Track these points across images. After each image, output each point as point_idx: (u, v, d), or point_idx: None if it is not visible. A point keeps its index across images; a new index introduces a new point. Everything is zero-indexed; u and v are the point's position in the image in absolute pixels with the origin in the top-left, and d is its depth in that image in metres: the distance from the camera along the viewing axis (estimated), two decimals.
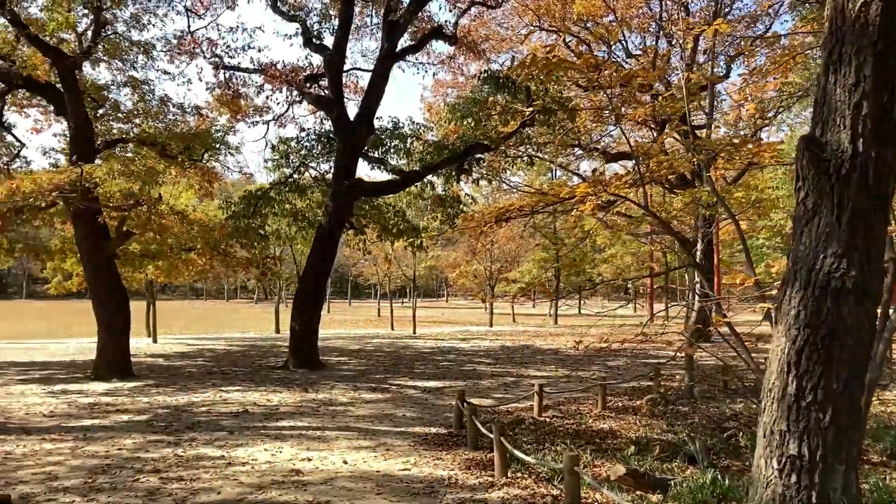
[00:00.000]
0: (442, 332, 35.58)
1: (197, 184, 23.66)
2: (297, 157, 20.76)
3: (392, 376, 17.25)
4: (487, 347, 25.56)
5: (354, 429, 10.94)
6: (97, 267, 17.07)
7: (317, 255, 18.83)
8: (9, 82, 17.52)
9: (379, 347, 25.56)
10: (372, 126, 18.92)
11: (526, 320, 47.73)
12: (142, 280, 26.79)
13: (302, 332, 18.28)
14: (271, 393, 14.52)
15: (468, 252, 48.31)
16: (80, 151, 16.73)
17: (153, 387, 15.43)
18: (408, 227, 22.54)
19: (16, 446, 9.66)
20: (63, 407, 12.81)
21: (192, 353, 23.73)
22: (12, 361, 20.62)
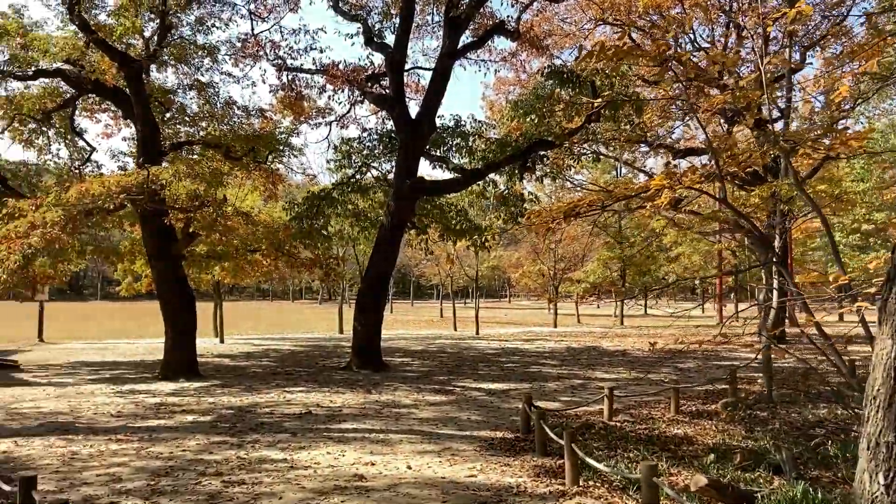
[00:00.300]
0: (505, 332, 35.18)
1: (262, 186, 23.85)
2: (358, 158, 20.69)
3: (456, 378, 16.98)
4: (552, 349, 25.07)
5: (418, 432, 10.68)
6: (164, 268, 17.29)
7: (379, 255, 18.70)
8: (79, 87, 17.90)
9: (442, 348, 25.34)
10: (433, 124, 18.68)
11: (591, 321, 46.91)
12: (209, 281, 27.19)
13: (365, 332, 18.17)
14: (334, 394, 14.40)
15: (531, 252, 47.74)
16: (148, 154, 17.00)
17: (219, 387, 15.51)
18: (470, 226, 22.21)
19: (82, 447, 9.71)
20: (130, 407, 12.93)
21: (257, 353, 23.94)
22: (85, 361, 21.12)
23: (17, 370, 18.84)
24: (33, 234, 14.54)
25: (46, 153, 22.27)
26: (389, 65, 18.56)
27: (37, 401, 13.61)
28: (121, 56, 16.29)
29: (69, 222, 15.28)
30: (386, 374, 17.46)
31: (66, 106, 19.38)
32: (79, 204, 15.39)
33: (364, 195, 21.96)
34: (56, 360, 21.57)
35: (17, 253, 14.98)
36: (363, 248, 30.40)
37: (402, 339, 30.25)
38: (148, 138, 17.31)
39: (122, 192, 15.53)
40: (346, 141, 21.28)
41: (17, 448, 9.65)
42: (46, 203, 15.30)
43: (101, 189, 15.39)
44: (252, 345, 27.29)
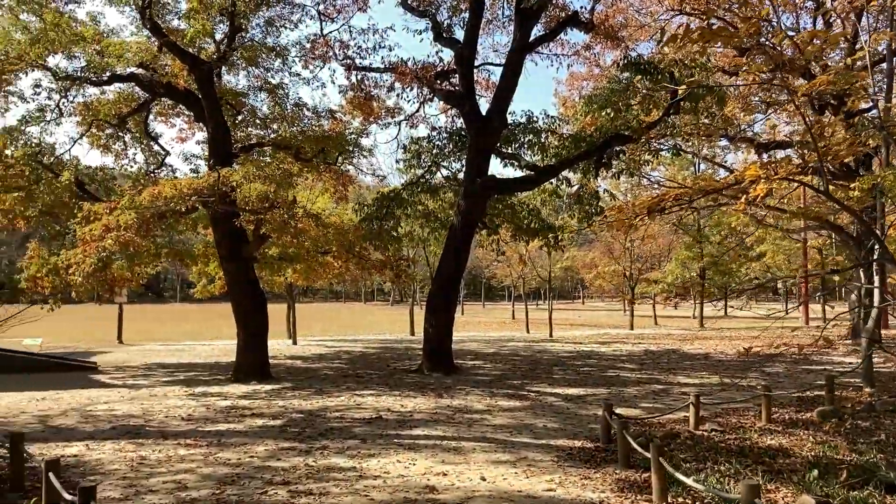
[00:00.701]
0: (580, 335, 34.31)
1: (332, 187, 23.78)
2: (428, 157, 20.32)
3: (530, 382, 16.40)
4: (630, 352, 24.18)
5: (492, 440, 10.17)
6: (236, 270, 17.29)
7: (449, 255, 18.27)
8: (151, 91, 18.08)
9: (515, 351, 24.76)
10: (504, 120, 18.14)
11: (668, 322, 45.47)
12: (282, 283, 27.34)
13: (435, 334, 17.77)
14: (405, 398, 14.03)
15: (605, 252, 46.62)
16: (219, 156, 17.03)
17: (290, 389, 15.35)
18: (542, 225, 21.59)
19: (151, 451, 9.57)
20: (201, 410, 12.83)
21: (329, 355, 23.86)
22: (160, 363, 21.39)
23: (95, 371, 19.18)
24: (108, 237, 14.66)
25: (123, 158, 22.73)
26: (459, 60, 18.12)
27: (111, 403, 13.69)
28: (191, 58, 16.35)
29: (143, 225, 15.38)
30: (457, 378, 17.02)
31: (140, 110, 19.65)
32: (151, 207, 15.47)
33: (434, 195, 21.60)
34: (133, 361, 21.93)
35: (92, 256, 15.16)
36: (434, 249, 30.07)
37: (473, 341, 29.79)
38: (219, 140, 17.34)
39: (193, 194, 15.54)
40: (416, 140, 20.96)
41: (88, 452, 9.58)
42: (120, 206, 15.43)
43: (173, 192, 15.44)
44: (324, 346, 27.30)
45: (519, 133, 19.41)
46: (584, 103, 20.43)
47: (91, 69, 17.94)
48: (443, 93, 18.40)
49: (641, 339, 30.61)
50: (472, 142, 18.18)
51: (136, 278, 22.07)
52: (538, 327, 38.99)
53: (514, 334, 35.13)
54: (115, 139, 21.71)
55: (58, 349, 25.82)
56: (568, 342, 28.80)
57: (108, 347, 26.93)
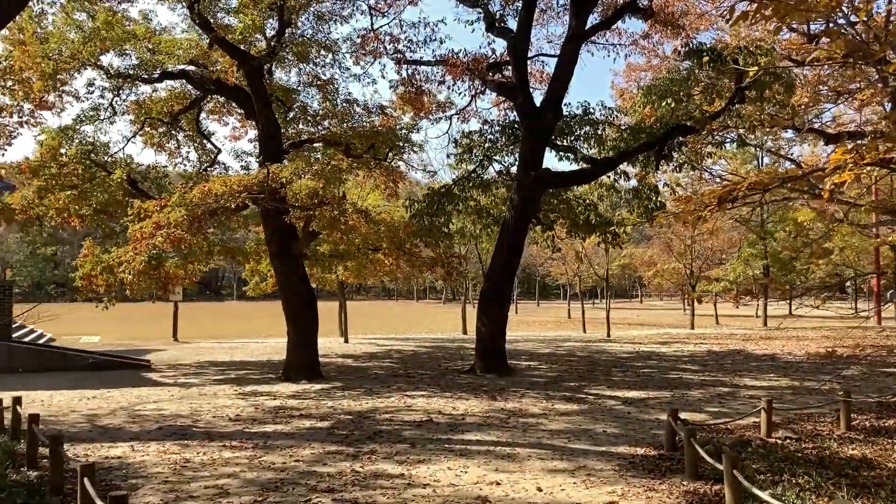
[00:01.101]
0: (638, 334, 33.33)
1: (382, 184, 23.45)
2: (480, 151, 19.76)
3: (588, 384, 15.73)
4: (692, 352, 23.24)
5: (549, 446, 9.60)
6: (285, 267, 17.05)
7: (502, 252, 17.68)
8: (202, 88, 17.98)
9: (571, 351, 24.04)
10: (559, 111, 17.47)
11: (730, 322, 44.00)
12: (333, 281, 27.15)
13: (488, 334, 17.22)
14: (457, 400, 13.53)
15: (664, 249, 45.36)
16: (269, 153, 16.81)
17: (339, 389, 15.01)
18: (600, 221, 20.85)
19: (196, 453, 9.27)
20: (249, 410, 12.56)
21: (380, 353, 23.53)
22: (213, 361, 21.35)
23: (148, 370, 19.20)
24: (158, 235, 14.54)
25: (176, 156, 22.80)
26: (512, 50, 17.51)
27: (160, 402, 13.53)
28: (240, 54, 16.15)
29: (193, 222, 15.21)
30: (511, 379, 16.46)
31: (191, 107, 19.60)
32: (202, 204, 15.31)
33: (486, 191, 21.06)
34: (186, 359, 21.95)
35: (142, 254, 15.08)
36: (486, 246, 29.59)
37: (528, 340, 29.14)
38: (269, 137, 17.14)
39: (243, 191, 15.33)
40: (467, 134, 20.44)
41: (132, 453, 9.34)
42: (171, 203, 15.31)
43: (223, 188, 15.26)
44: (376, 345, 27.01)
45: (575, 125, 18.72)
46: (643, 94, 19.63)
47: (143, 67, 17.93)
48: (495, 84, 17.80)
49: (703, 339, 29.53)
50: (525, 134, 17.57)
51: (190, 276, 22.09)
52: (595, 327, 38.07)
53: (570, 334, 34.34)
54: (167, 137, 21.77)
55: (115, 347, 26.09)
56: (626, 342, 27.93)
57: (163, 345, 27.14)
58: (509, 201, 17.86)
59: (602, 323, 40.16)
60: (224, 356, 22.78)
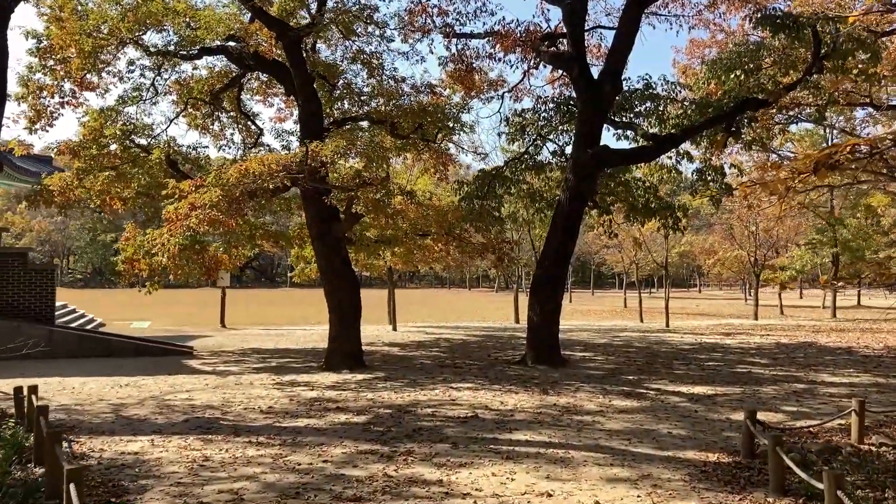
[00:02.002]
0: (699, 325, 31.78)
1: (432, 167, 22.48)
2: (533, 129, 18.60)
3: (648, 378, 14.56)
4: (759, 344, 21.75)
5: (607, 449, 8.55)
6: (326, 250, 16.27)
7: (556, 236, 16.55)
8: (241, 63, 17.28)
9: (628, 342, 22.79)
10: (619, 83, 16.18)
11: (795, 312, 41.92)
12: (381, 267, 26.38)
13: (541, 323, 16.14)
14: (506, 393, 12.53)
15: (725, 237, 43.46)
16: (310, 132, 16.01)
17: (381, 380, 14.17)
18: (661, 205, 19.54)
19: (218, 450, 8.50)
20: (284, 402, 11.78)
21: (428, 342, 22.66)
22: (256, 348, 20.78)
23: (189, 356, 18.71)
24: (192, 216, 13.86)
25: (221, 138, 22.24)
26: (568, 18, 16.26)
27: (192, 392, 12.88)
28: (279, 24, 15.36)
29: (232, 203, 14.50)
30: (565, 371, 15.37)
31: (231, 85, 18.94)
32: (239, 184, 14.60)
33: (539, 173, 19.93)
34: (230, 346, 21.45)
35: (178, 236, 14.43)
36: (539, 232, 28.44)
37: (582, 330, 27.91)
38: (310, 115, 16.36)
39: (281, 170, 14.55)
40: (520, 113, 19.30)
41: (151, 448, 8.63)
42: (207, 184, 14.64)
43: (261, 168, 14.50)
44: (424, 333, 26.15)
45: (635, 100, 17.42)
46: (708, 68, 18.26)
47: (182, 44, 17.31)
48: (549, 56, 16.57)
49: (769, 330, 27.88)
50: (582, 109, 16.37)
51: (233, 261, 21.54)
52: (652, 316, 36.61)
53: (626, 324, 32.95)
54: (211, 119, 21.21)
55: (163, 333, 25.85)
56: (687, 333, 26.50)
57: (210, 331, 26.79)
58: (564, 182, 16.71)
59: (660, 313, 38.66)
60: (269, 343, 22.21)
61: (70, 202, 17.42)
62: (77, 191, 17.30)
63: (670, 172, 20.11)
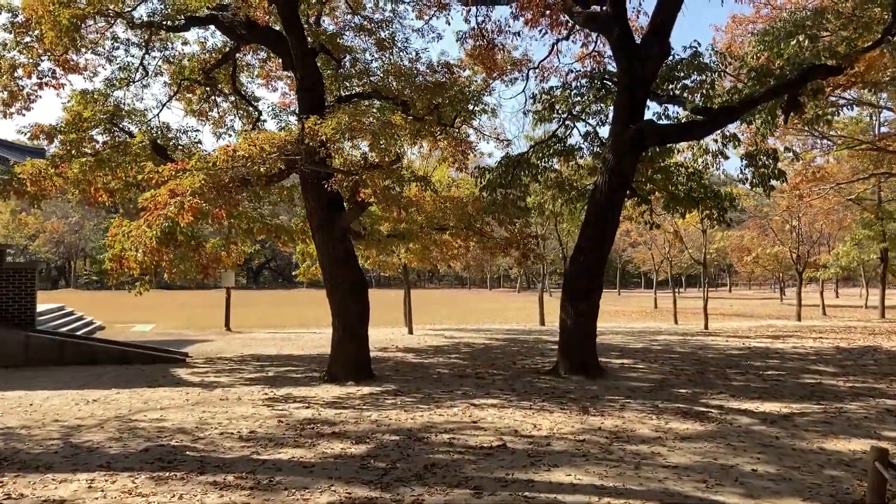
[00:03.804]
0: (739, 326, 29.44)
1: (450, 155, 20.41)
2: (564, 107, 16.43)
3: (704, 391, 12.38)
4: (816, 349, 19.44)
5: (679, 496, 6.44)
6: (329, 244, 14.24)
7: (593, 227, 14.37)
8: (233, 35, 15.32)
9: (668, 346, 20.57)
10: (667, 46, 13.95)
11: (837, 312, 39.36)
12: (395, 266, 24.35)
13: (575, 326, 13.98)
14: (538, 413, 10.43)
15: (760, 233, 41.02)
16: (308, 108, 14.02)
17: (391, 395, 12.12)
18: (706, 193, 17.34)
19: (172, 495, 6.52)
20: (270, 424, 9.77)
21: (447, 347, 20.58)
22: (257, 354, 18.82)
23: (181, 364, 16.80)
24: (171, 204, 11.91)
25: (221, 126, 20.38)
26: None
27: (167, 410, 10.90)
28: None
29: (221, 191, 12.51)
30: (604, 383, 13.23)
31: (225, 61, 16.99)
32: (226, 168, 12.63)
33: (569, 158, 17.78)
34: (229, 351, 19.52)
35: (155, 227, 12.46)
36: (567, 226, 26.20)
37: (615, 332, 25.69)
38: (308, 89, 14.36)
39: (275, 151, 12.56)
40: (548, 90, 17.15)
41: (86, 493, 6.68)
42: (190, 167, 12.70)
43: (251, 149, 12.51)
44: (443, 337, 24.05)
45: (681, 71, 15.21)
46: (758, 39, 16.10)
47: (168, 14, 15.41)
48: (583, 17, 14.33)
49: (819, 332, 25.50)
50: (622, 77, 14.17)
51: (233, 258, 19.62)
52: (686, 317, 34.33)
53: (660, 325, 30.65)
54: (208, 103, 19.32)
55: (164, 337, 24.04)
56: (730, 335, 24.20)
57: (213, 335, 24.91)
58: (602, 163, 14.50)
59: (694, 313, 36.51)
60: (272, 349, 20.26)
61: (44, 192, 15.52)
62: (53, 179, 15.39)
63: (716, 157, 17.89)
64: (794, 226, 32.86)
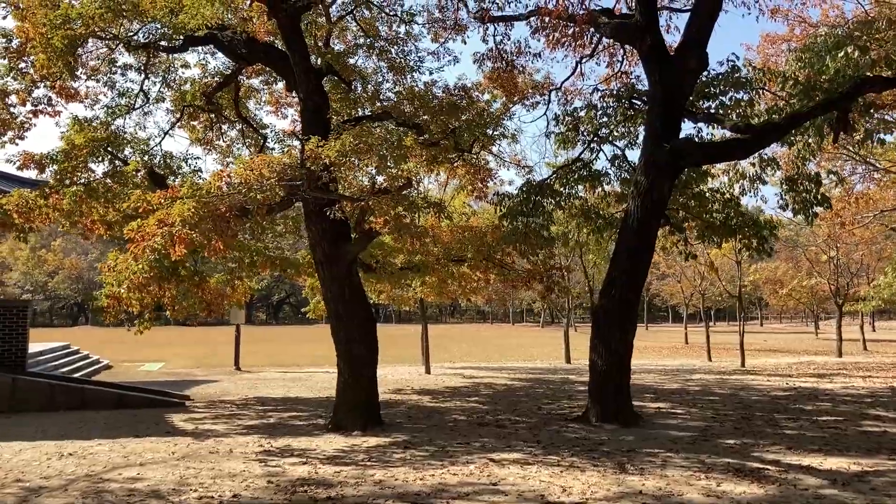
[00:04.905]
0: (777, 363, 27.74)
1: (468, 183, 19.25)
2: (589, 127, 15.21)
3: (755, 442, 10.90)
4: (870, 390, 17.81)
5: None
6: (334, 277, 13.03)
7: (625, 256, 13.01)
8: (233, 55, 14.37)
9: (706, 387, 19.03)
10: (705, 57, 12.73)
11: (880, 347, 37.42)
12: (410, 300, 23.08)
13: (607, 368, 12.56)
14: (567, 471, 9.02)
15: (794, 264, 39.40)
16: (313, 131, 12.93)
17: (400, 447, 10.79)
18: (743, 221, 16.00)
19: None
20: (259, 485, 8.46)
21: (465, 388, 19.19)
22: (262, 397, 17.59)
23: (179, 408, 15.60)
24: (157, 234, 10.81)
25: (229, 156, 19.47)
26: None
27: (147, 466, 9.63)
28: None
29: (217, 221, 11.40)
30: (641, 433, 11.79)
31: (226, 83, 16.03)
32: (225, 196, 11.55)
33: (595, 184, 16.52)
34: (234, 393, 18.32)
35: (143, 260, 11.35)
36: (593, 258, 24.88)
37: (646, 371, 24.12)
38: (312, 111, 13.32)
39: (274, 177, 11.44)
40: (571, 112, 15.98)
41: None
42: (181, 194, 11.62)
43: (248, 174, 11.42)
44: (462, 377, 22.64)
45: (717, 87, 13.93)
46: (795, 57, 14.87)
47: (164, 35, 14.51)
48: (611, 28, 13.16)
49: (865, 370, 23.78)
50: (654, 92, 12.93)
51: (237, 294, 18.49)
52: (719, 353, 32.64)
53: (693, 362, 29.01)
54: (213, 130, 18.39)
55: (169, 377, 22.95)
56: (770, 374, 22.57)
57: (221, 375, 23.75)
58: (633, 186, 13.20)
59: (726, 349, 34.89)
60: (279, 390, 19.03)
61: (31, 224, 14.49)
62: (43, 210, 14.36)
63: (753, 182, 16.53)
64: (832, 256, 31.20)
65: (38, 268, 77.19)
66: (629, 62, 17.32)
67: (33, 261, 75.27)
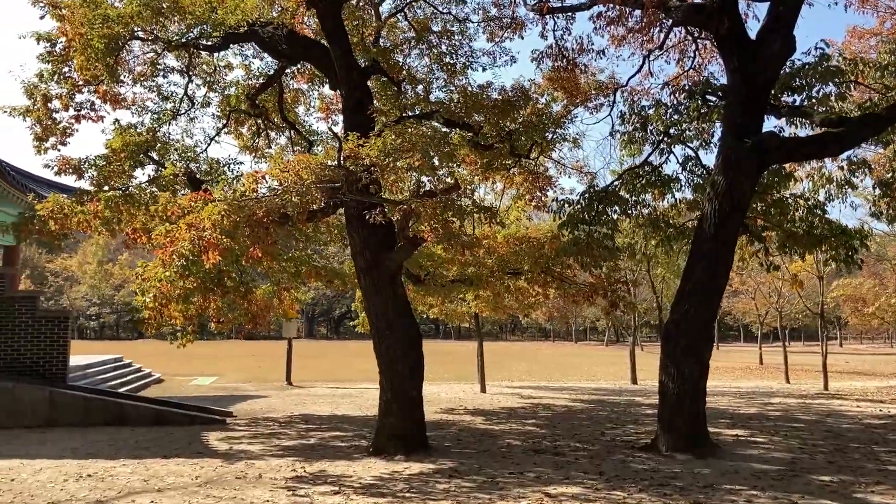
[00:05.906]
0: (864, 387, 25.58)
1: (527, 192, 18.06)
2: (659, 125, 13.88)
3: (853, 479, 9.38)
4: None
5: None
6: (377, 290, 12.02)
7: (699, 266, 11.63)
8: (274, 52, 13.61)
9: (788, 412, 17.33)
10: (792, 41, 11.32)
11: None
12: (464, 315, 21.96)
13: (679, 392, 11.15)
14: None
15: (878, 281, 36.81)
16: (354, 127, 12.00)
17: (444, 476, 9.65)
18: (831, 230, 14.35)
19: None
20: None
21: (522, 410, 17.91)
22: (307, 415, 16.70)
23: (218, 426, 14.81)
24: (182, 240, 10.02)
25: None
26: None
27: (163, 493, 8.75)
28: None
29: (252, 225, 10.56)
30: (719, 465, 10.37)
31: (269, 84, 15.31)
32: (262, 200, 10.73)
33: (665, 189, 15.13)
34: (280, 410, 17.51)
35: (171, 267, 10.57)
36: (661, 272, 23.33)
37: (719, 393, 22.33)
38: (353, 109, 12.42)
39: (312, 178, 10.54)
40: (639, 111, 14.66)
41: None
42: (214, 197, 10.86)
43: (284, 175, 10.55)
44: (519, 397, 21.33)
45: (803, 78, 12.45)
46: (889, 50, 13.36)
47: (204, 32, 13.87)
48: (684, 11, 11.86)
49: None
50: (733, 81, 11.57)
51: (284, 306, 17.71)
52: (798, 375, 30.47)
53: (770, 384, 27.02)
54: (262, 136, 17.74)
55: (219, 392, 22.37)
56: (860, 399, 20.61)
57: (271, 390, 23.04)
58: (710, 187, 11.81)
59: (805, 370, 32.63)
60: (327, 407, 18.14)
61: (68, 231, 13.96)
62: (78, 216, 13.80)
63: (841, 187, 14.92)
64: None
65: (105, 281, 78.88)
66: (701, 58, 15.99)
67: (100, 274, 76.99)
